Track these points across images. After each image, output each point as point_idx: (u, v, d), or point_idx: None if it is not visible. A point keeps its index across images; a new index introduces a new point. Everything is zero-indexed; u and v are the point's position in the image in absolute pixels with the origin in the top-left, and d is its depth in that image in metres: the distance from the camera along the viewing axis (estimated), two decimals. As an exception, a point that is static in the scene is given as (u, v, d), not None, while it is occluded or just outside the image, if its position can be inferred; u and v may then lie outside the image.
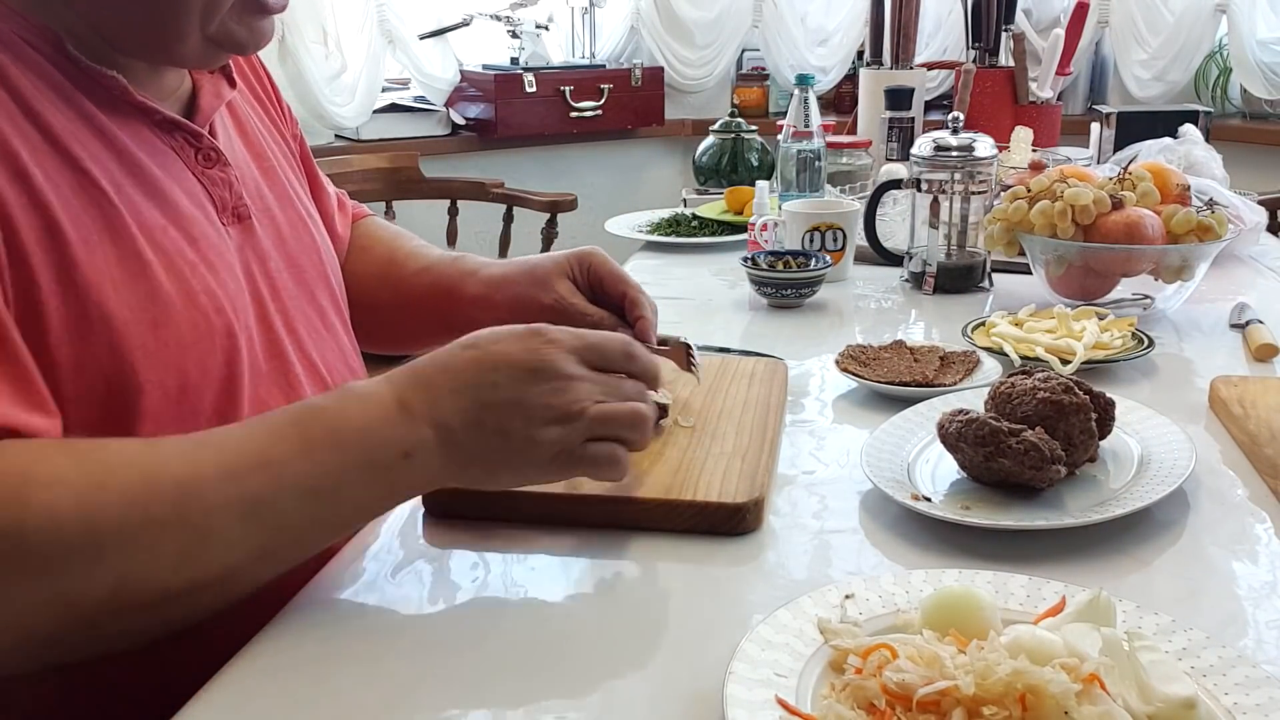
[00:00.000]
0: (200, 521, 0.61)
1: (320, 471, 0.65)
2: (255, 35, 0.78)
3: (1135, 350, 1.07)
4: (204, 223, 0.78)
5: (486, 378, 0.69)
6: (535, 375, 0.69)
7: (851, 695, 0.54)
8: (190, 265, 0.74)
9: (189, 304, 0.73)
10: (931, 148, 1.37)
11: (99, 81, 0.74)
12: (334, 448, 0.65)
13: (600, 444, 0.71)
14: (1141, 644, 0.54)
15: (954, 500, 0.79)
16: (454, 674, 0.61)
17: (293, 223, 0.90)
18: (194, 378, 0.73)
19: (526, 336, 0.71)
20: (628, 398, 0.72)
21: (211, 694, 0.60)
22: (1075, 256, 1.23)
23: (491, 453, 0.69)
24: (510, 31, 3.09)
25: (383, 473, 0.66)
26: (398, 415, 0.67)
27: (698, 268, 1.56)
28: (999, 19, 2.28)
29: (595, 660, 0.63)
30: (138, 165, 0.74)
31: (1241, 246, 1.52)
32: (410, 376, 0.69)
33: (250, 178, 0.87)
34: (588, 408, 0.70)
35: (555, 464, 0.70)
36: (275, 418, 0.67)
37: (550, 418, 0.69)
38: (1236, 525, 0.77)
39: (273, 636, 0.65)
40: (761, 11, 3.34)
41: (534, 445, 0.69)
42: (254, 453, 0.64)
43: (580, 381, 0.70)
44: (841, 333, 1.27)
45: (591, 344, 0.72)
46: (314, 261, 0.91)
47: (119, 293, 0.69)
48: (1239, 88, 3.13)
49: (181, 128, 0.79)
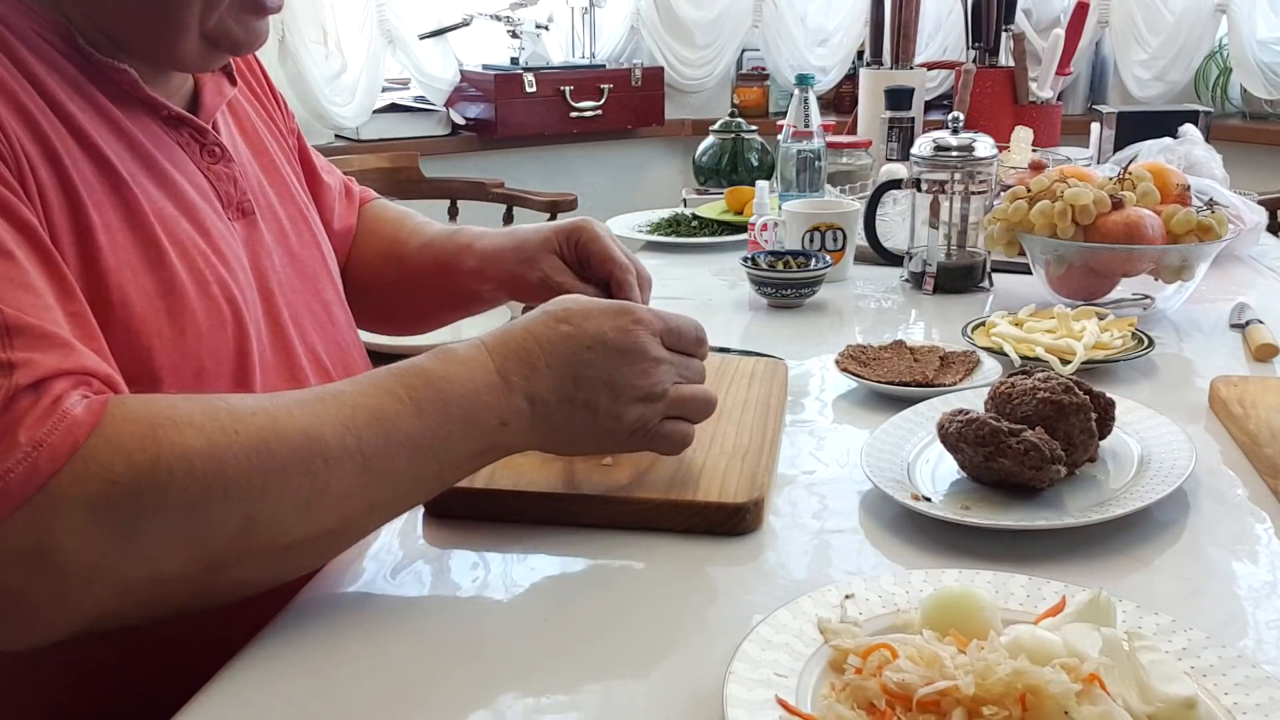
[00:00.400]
0: (322, 470, 0.63)
1: (428, 430, 0.67)
2: (251, 35, 0.79)
3: (1135, 350, 1.07)
4: (212, 216, 0.79)
5: (581, 355, 0.72)
6: (625, 355, 0.73)
7: (851, 695, 0.54)
8: (203, 255, 0.76)
9: (202, 293, 0.74)
10: (931, 148, 1.37)
11: (109, 75, 0.75)
12: (440, 409, 0.68)
13: (674, 422, 0.76)
14: (1141, 644, 0.54)
15: (954, 500, 0.79)
16: (454, 674, 0.61)
17: (293, 218, 0.91)
18: (208, 366, 0.74)
19: (617, 314, 0.74)
20: (700, 379, 0.78)
21: (212, 694, 0.60)
22: (1075, 256, 1.23)
23: (577, 425, 0.73)
24: (510, 31, 3.09)
25: (480, 436, 0.70)
26: (499, 384, 0.70)
27: (698, 268, 1.56)
28: (999, 19, 2.28)
29: (595, 660, 0.63)
30: (149, 158, 0.76)
31: (1241, 246, 1.52)
32: (509, 347, 0.72)
33: (252, 174, 0.87)
34: (669, 389, 0.75)
35: (633, 439, 0.75)
36: (382, 377, 0.69)
37: (635, 396, 0.73)
38: (1236, 525, 0.77)
39: (273, 636, 0.65)
40: (761, 11, 3.34)
41: (617, 421, 0.73)
42: (370, 408, 0.66)
43: (664, 364, 0.75)
44: (841, 333, 1.27)
45: (672, 327, 0.76)
46: (314, 256, 0.92)
47: (138, 280, 0.70)
48: (1239, 88, 3.13)
49: (187, 123, 0.80)
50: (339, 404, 0.65)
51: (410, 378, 0.69)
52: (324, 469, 0.63)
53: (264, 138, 0.94)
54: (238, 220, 0.83)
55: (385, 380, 0.68)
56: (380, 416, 0.66)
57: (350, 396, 0.66)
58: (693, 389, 0.77)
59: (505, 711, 0.58)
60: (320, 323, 0.90)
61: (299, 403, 0.65)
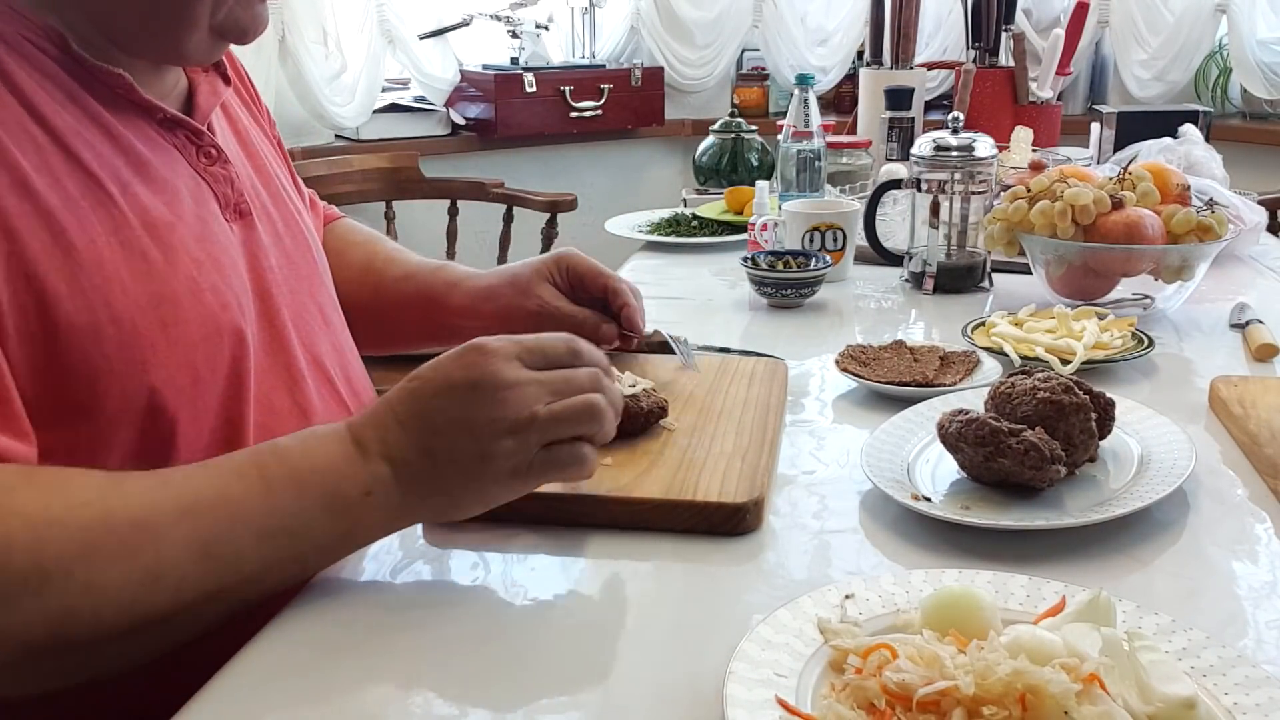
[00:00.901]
0: (152, 561, 0.61)
1: (279, 512, 0.64)
2: (255, 21, 0.79)
3: (1135, 350, 1.07)
4: (209, 219, 0.78)
5: (429, 404, 0.68)
6: (476, 389, 0.67)
7: (851, 695, 0.54)
8: (196, 262, 0.75)
9: (196, 301, 0.74)
10: (931, 148, 1.37)
11: (103, 80, 0.74)
12: (294, 488, 0.65)
13: (561, 446, 0.69)
14: (1141, 644, 0.54)
15: (954, 500, 0.79)
16: (454, 674, 0.61)
17: (287, 220, 0.91)
18: (204, 374, 0.74)
19: (462, 353, 0.69)
20: (582, 390, 0.70)
21: (211, 694, 0.60)
22: (1075, 256, 1.23)
23: (449, 479, 0.68)
24: (510, 31, 3.09)
25: (343, 513, 0.66)
26: (355, 453, 0.67)
27: (698, 268, 1.56)
28: (999, 19, 2.28)
29: (595, 660, 0.63)
30: (144, 163, 0.75)
31: (1241, 246, 1.52)
32: (365, 416, 0.69)
33: (246, 175, 0.87)
34: (537, 412, 0.68)
35: (517, 477, 0.68)
36: (239, 457, 0.67)
37: (500, 430, 0.67)
38: (1236, 525, 0.77)
39: (273, 636, 0.65)
40: (761, 11, 3.33)
41: (489, 462, 0.67)
42: (216, 490, 0.64)
43: (524, 386, 0.68)
44: (841, 333, 1.27)
45: (531, 345, 0.70)
46: (308, 258, 0.92)
47: (128, 293, 0.70)
48: (1239, 88, 3.13)
49: (184, 125, 0.80)
50: (183, 488, 0.64)
51: (264, 456, 0.67)
52: (154, 559, 0.61)
53: (254, 139, 0.94)
54: (235, 222, 0.82)
55: (238, 461, 0.67)
56: (225, 499, 0.64)
57: (197, 480, 0.65)
58: (567, 402, 0.69)
59: (505, 711, 0.58)
60: (317, 325, 0.89)
61: (140, 490, 0.63)
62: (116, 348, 0.68)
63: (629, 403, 0.86)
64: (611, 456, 0.83)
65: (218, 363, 0.75)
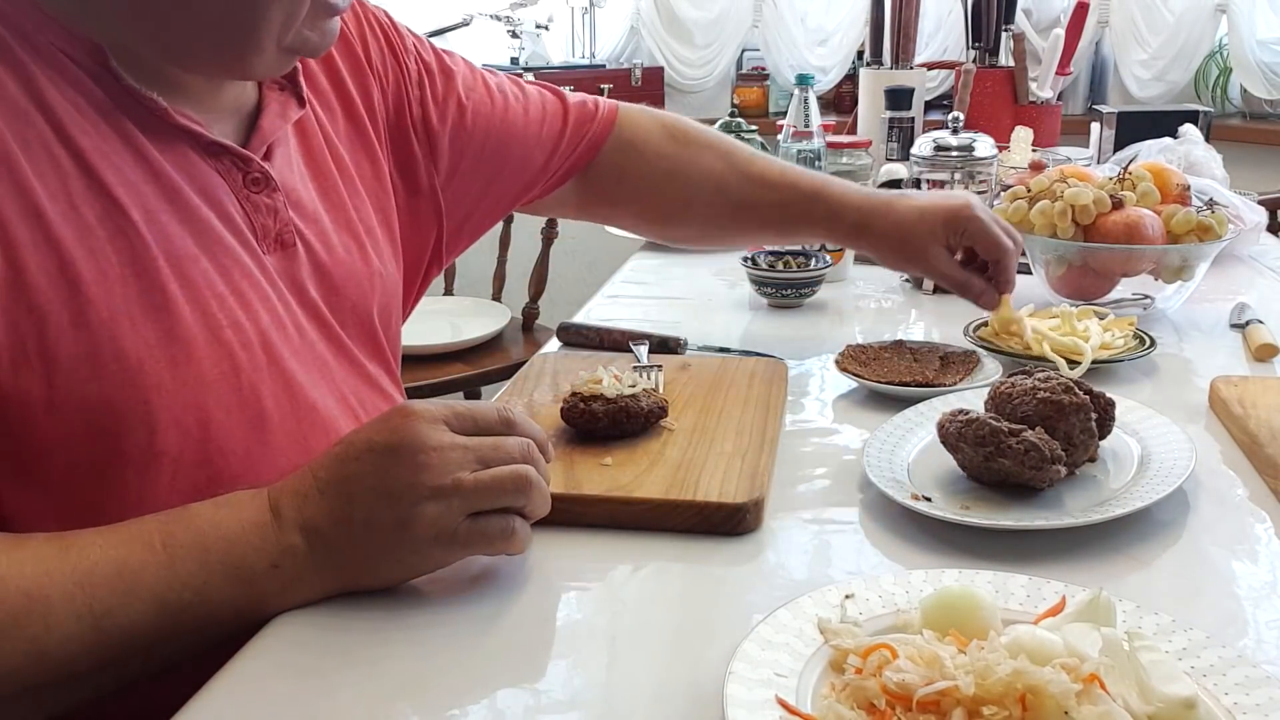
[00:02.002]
0: (39, 632, 0.59)
1: (179, 582, 0.63)
2: (325, 37, 0.75)
3: (1137, 350, 1.07)
4: (240, 250, 0.75)
5: (348, 469, 0.65)
6: (396, 453, 0.65)
7: (851, 695, 0.54)
8: (219, 298, 0.72)
9: (212, 339, 0.71)
10: (931, 148, 1.37)
11: (140, 101, 0.71)
12: (198, 557, 0.63)
13: (489, 517, 0.66)
14: (1141, 644, 0.54)
15: (954, 500, 0.79)
16: (454, 674, 0.61)
17: (346, 246, 0.85)
18: (217, 415, 0.71)
19: (387, 417, 0.67)
20: (511, 460, 0.67)
21: (211, 694, 0.60)
22: (1075, 256, 1.23)
23: (366, 548, 0.65)
24: (510, 31, 3.09)
25: (247, 584, 0.64)
26: (270, 522, 0.65)
27: (698, 268, 1.56)
28: (999, 19, 2.28)
29: (595, 660, 0.63)
30: (175, 190, 0.72)
31: (1241, 246, 1.52)
32: (288, 482, 0.67)
33: (308, 199, 0.83)
34: (462, 479, 0.65)
35: (438, 545, 0.65)
36: (147, 523, 0.65)
37: (420, 495, 0.64)
38: (1236, 525, 0.77)
39: (272, 636, 0.64)
40: (761, 11, 3.33)
41: (408, 528, 0.64)
42: (114, 561, 0.62)
43: (447, 451, 0.65)
44: (841, 333, 1.27)
45: (461, 411, 0.68)
46: (359, 288, 0.86)
47: (136, 329, 0.67)
48: (1239, 88, 3.13)
49: (229, 151, 0.76)
50: (82, 557, 0.62)
51: (171, 524, 0.64)
52: (44, 632, 0.59)
53: (341, 146, 0.88)
54: (274, 253, 0.78)
55: (145, 528, 0.64)
56: (123, 570, 0.62)
57: (97, 547, 0.62)
58: (494, 471, 0.66)
59: (505, 711, 0.58)
60: (326, 365, 0.82)
61: (36, 558, 0.61)
62: (118, 385, 0.66)
63: (629, 403, 0.86)
64: (611, 456, 0.83)
65: (232, 404, 0.72)
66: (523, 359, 2.09)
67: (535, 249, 2.56)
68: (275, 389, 0.75)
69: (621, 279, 1.51)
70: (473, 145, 1.00)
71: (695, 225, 1.17)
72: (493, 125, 1.02)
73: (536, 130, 1.06)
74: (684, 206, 1.14)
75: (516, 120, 1.04)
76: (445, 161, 0.99)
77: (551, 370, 1.05)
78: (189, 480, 0.70)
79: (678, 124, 1.15)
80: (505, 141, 1.03)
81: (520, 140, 1.04)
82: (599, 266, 2.00)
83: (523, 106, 1.05)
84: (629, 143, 1.11)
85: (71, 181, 0.67)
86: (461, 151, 1.00)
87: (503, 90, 1.05)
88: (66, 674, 0.61)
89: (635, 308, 1.35)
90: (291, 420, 0.76)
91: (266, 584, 0.65)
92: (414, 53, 0.98)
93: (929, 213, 1.00)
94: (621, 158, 1.11)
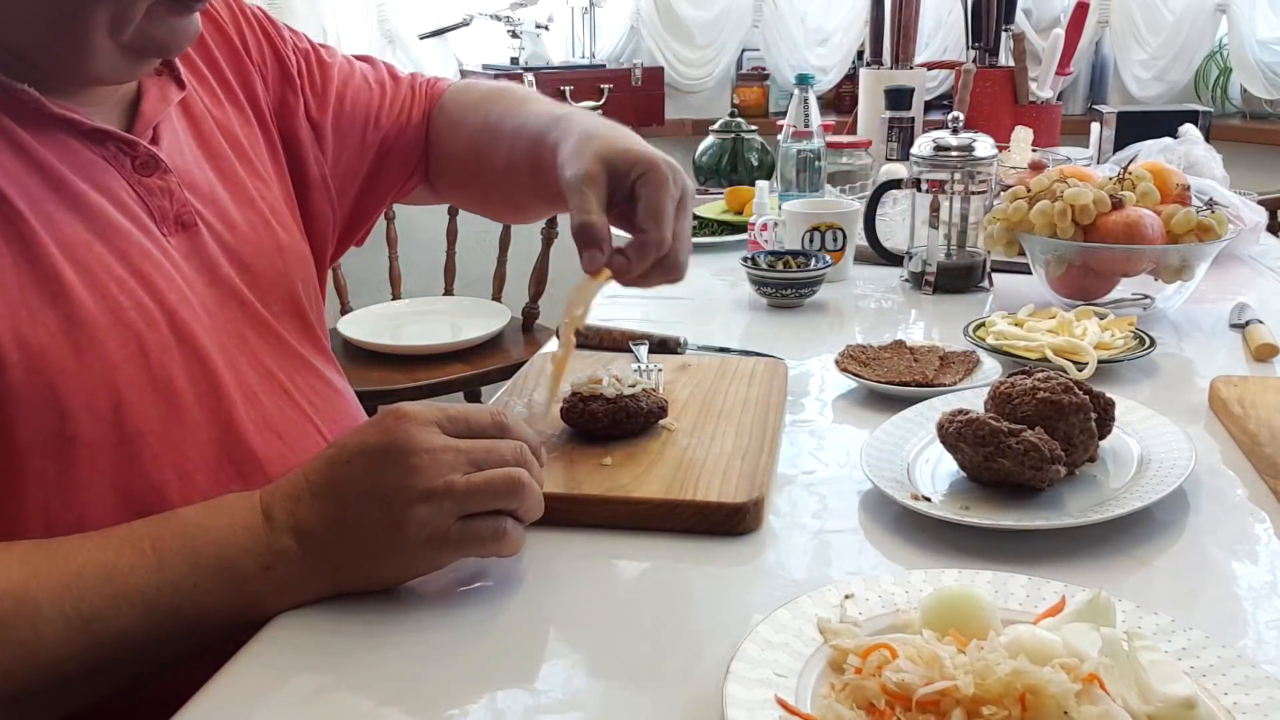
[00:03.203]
0: (28, 635, 0.59)
1: (169, 585, 0.63)
2: (176, 35, 0.73)
3: (1137, 350, 1.07)
4: (138, 234, 0.74)
5: (340, 472, 0.66)
6: (388, 455, 0.65)
7: (851, 695, 0.54)
8: (118, 280, 0.72)
9: (115, 321, 0.71)
10: (931, 148, 1.37)
11: (11, 94, 0.71)
12: (188, 559, 0.63)
13: (481, 519, 0.66)
14: (1141, 644, 0.54)
15: (954, 500, 0.79)
16: (453, 674, 0.61)
17: (251, 224, 0.85)
18: (128, 396, 0.71)
19: (380, 418, 0.67)
20: (504, 462, 0.67)
21: (209, 695, 0.60)
22: (1075, 256, 1.23)
23: (359, 551, 0.65)
24: (510, 31, 3.09)
25: (239, 587, 0.64)
26: (261, 524, 0.65)
27: (698, 268, 1.56)
28: (999, 19, 2.28)
29: (595, 660, 0.63)
30: (60, 180, 0.71)
31: (1241, 246, 1.52)
32: (280, 485, 0.67)
33: (203, 180, 0.83)
34: (454, 482, 0.65)
35: (430, 547, 0.65)
36: (136, 526, 0.65)
37: (412, 498, 0.64)
38: (1236, 525, 0.77)
39: (270, 638, 0.64)
40: (761, 11, 3.33)
41: (400, 530, 0.64)
42: (102, 564, 0.62)
43: (439, 453, 0.65)
44: (841, 333, 1.27)
45: (454, 414, 0.68)
46: (272, 264, 0.86)
47: (35, 317, 0.67)
48: (1239, 88, 3.13)
49: (113, 137, 0.75)
50: (70, 560, 0.62)
51: (160, 527, 0.65)
52: (32, 635, 0.59)
53: (232, 129, 0.88)
54: (175, 235, 0.78)
55: (133, 531, 0.64)
56: (111, 573, 0.62)
57: (85, 551, 0.63)
58: (487, 474, 0.66)
59: (505, 711, 0.58)
60: (247, 343, 0.82)
61: (23, 561, 0.61)
62: (23, 374, 0.66)
63: (629, 403, 0.86)
64: (611, 456, 0.83)
65: (142, 384, 0.71)
66: (523, 359, 2.09)
67: (535, 249, 2.56)
68: (189, 367, 0.75)
69: (621, 279, 1.51)
70: (354, 130, 1.01)
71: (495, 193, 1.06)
72: (370, 111, 1.03)
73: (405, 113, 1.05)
74: (476, 173, 1.05)
75: (389, 104, 1.04)
76: (330, 148, 0.99)
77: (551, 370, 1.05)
78: (108, 463, 0.70)
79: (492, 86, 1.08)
80: (379, 125, 1.03)
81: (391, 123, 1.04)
82: (599, 266, 2.00)
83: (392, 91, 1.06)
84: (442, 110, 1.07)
85: None
86: (344, 136, 1.01)
87: (379, 76, 1.06)
88: (57, 678, 0.61)
89: (635, 308, 1.35)
90: (210, 397, 0.76)
91: (258, 586, 0.65)
92: (290, 44, 0.99)
93: (619, 141, 0.84)
94: (438, 127, 1.07)
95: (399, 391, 2.12)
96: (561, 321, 0.83)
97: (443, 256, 2.66)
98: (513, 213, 1.14)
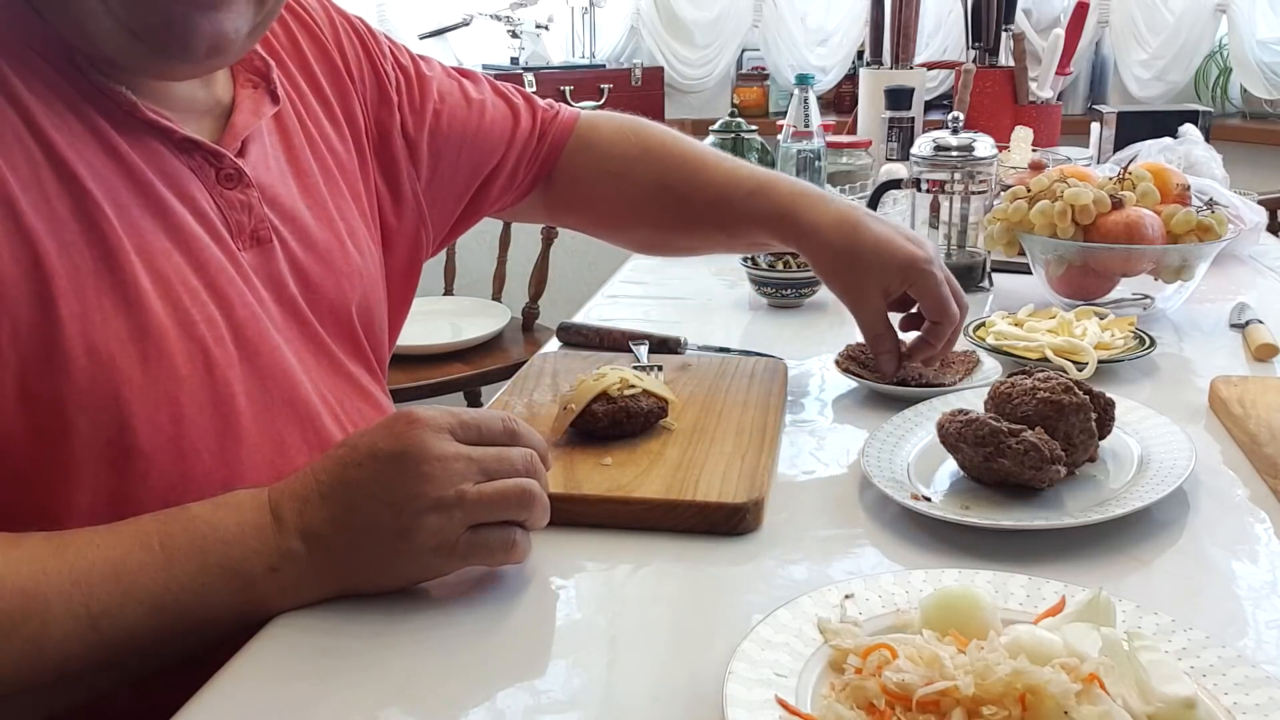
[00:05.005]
0: (36, 631, 0.59)
1: (177, 584, 0.62)
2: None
3: (1137, 350, 1.07)
4: (214, 246, 0.75)
5: (351, 475, 0.65)
6: (400, 461, 0.64)
7: (851, 695, 0.54)
8: (191, 292, 0.72)
9: (185, 334, 0.71)
10: (931, 148, 1.37)
11: (108, 95, 0.71)
12: (196, 559, 0.63)
13: (490, 529, 0.66)
14: (1141, 644, 0.54)
15: (954, 500, 0.79)
16: (453, 674, 0.61)
17: (326, 243, 0.85)
18: (189, 411, 0.70)
19: (392, 422, 0.66)
20: (515, 472, 0.67)
21: (210, 695, 0.60)
22: (1075, 256, 1.23)
23: (366, 556, 0.65)
24: (510, 31, 3.09)
25: (246, 587, 0.64)
26: (270, 525, 0.65)
27: (698, 268, 1.56)
28: (999, 19, 2.28)
29: (595, 660, 0.63)
30: (147, 185, 0.72)
31: (1241, 246, 1.52)
32: (290, 483, 0.67)
33: (286, 196, 0.82)
34: (466, 492, 0.64)
35: (439, 555, 0.65)
36: (145, 523, 0.65)
37: (423, 506, 0.64)
38: (1236, 525, 0.77)
39: (271, 638, 0.64)
40: (761, 11, 3.33)
41: (409, 538, 0.64)
42: (111, 561, 0.62)
43: (452, 461, 0.64)
44: (841, 333, 1.26)
45: (466, 420, 0.67)
46: (336, 286, 0.85)
47: (108, 323, 0.67)
48: (1239, 88, 3.13)
49: (201, 148, 0.76)
50: (78, 556, 0.61)
51: (169, 524, 0.64)
52: (40, 629, 0.59)
53: (324, 145, 0.88)
54: (250, 249, 0.78)
55: (142, 527, 0.64)
56: (120, 570, 0.62)
57: (94, 547, 0.62)
58: (499, 484, 0.65)
59: (505, 711, 0.58)
60: (305, 361, 0.81)
61: (32, 557, 0.61)
62: (88, 380, 0.66)
63: (629, 403, 0.86)
64: (611, 456, 0.83)
65: (204, 400, 0.71)
66: (523, 359, 2.09)
67: (535, 249, 2.56)
68: (249, 385, 0.75)
69: (621, 279, 1.51)
70: (449, 150, 1.01)
71: (644, 229, 1.13)
72: (468, 130, 1.02)
73: (509, 133, 1.06)
74: (632, 210, 1.10)
75: (490, 124, 1.04)
76: (425, 167, 0.99)
77: (551, 370, 1.05)
78: (161, 477, 0.70)
79: (637, 127, 1.11)
80: (479, 146, 1.03)
81: (494, 144, 1.04)
82: (599, 266, 2.00)
83: (495, 110, 1.06)
84: (585, 146, 1.09)
85: (44, 174, 0.67)
86: (439, 156, 1.00)
87: (480, 95, 1.05)
88: (64, 674, 0.61)
89: (635, 308, 1.35)
90: (266, 417, 0.76)
91: (265, 586, 0.64)
92: (390, 59, 0.98)
93: (886, 248, 0.92)
94: (577, 162, 1.09)
95: (399, 391, 2.12)
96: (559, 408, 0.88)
97: (443, 256, 2.66)
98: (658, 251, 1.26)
